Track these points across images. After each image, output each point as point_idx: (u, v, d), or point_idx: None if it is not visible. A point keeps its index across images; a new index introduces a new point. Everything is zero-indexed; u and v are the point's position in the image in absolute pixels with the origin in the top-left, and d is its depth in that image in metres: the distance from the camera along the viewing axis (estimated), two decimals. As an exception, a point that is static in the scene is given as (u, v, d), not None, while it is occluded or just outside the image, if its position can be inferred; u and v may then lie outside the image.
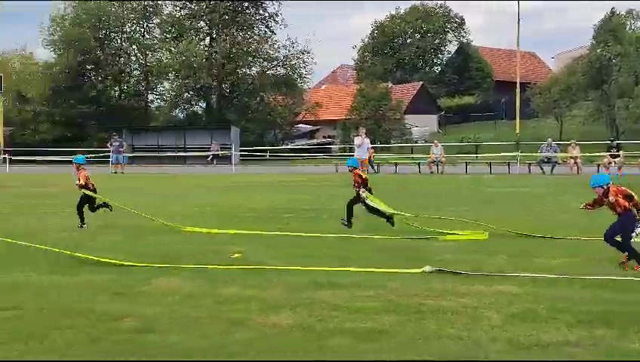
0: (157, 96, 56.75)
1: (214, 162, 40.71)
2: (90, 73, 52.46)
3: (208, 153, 41.73)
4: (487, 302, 6.26)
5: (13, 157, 39.00)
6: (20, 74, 57.77)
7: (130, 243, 10.16)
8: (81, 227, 11.83)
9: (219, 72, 48.47)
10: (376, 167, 31.39)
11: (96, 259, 8.37)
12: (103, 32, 51.22)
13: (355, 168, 11.55)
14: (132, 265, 8.10)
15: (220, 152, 41.24)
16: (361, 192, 11.07)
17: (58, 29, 50.96)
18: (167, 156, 44.13)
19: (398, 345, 5.04)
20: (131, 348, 4.98)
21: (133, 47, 53.89)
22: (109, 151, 34.66)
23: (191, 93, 51.80)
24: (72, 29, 49.55)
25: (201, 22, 51.65)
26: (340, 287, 6.87)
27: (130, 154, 41.80)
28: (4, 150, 44.73)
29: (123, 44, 53.34)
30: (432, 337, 5.22)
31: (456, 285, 6.91)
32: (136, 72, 55.04)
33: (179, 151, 45.40)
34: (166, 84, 54.21)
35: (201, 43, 51.58)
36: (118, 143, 34.18)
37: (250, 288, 6.90)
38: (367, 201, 11.08)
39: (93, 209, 12.10)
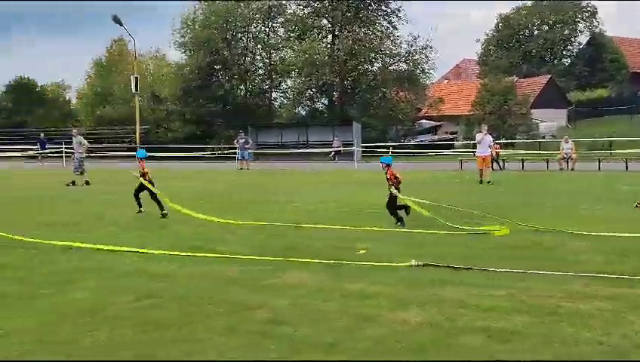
0: (280, 94, 58.15)
1: (336, 158, 41.08)
2: (217, 73, 54.49)
3: (330, 149, 42.16)
4: (628, 306, 5.90)
5: (149, 154, 41.28)
6: (154, 75, 61.14)
7: (255, 237, 10.43)
8: (140, 212, 13.37)
9: (341, 68, 48.84)
10: (501, 164, 30.53)
11: (230, 256, 8.66)
12: (230, 32, 52.99)
13: (389, 165, 11.57)
14: (262, 259, 8.31)
15: (341, 149, 41.57)
16: (392, 190, 11.29)
17: (189, 31, 53.31)
18: (289, 152, 45.05)
19: (533, 347, 4.86)
20: (265, 339, 5.12)
21: (259, 46, 55.43)
22: (235, 148, 35.85)
23: (313, 90, 52.55)
24: (202, 30, 51.66)
25: (324, 20, 52.26)
26: (468, 285, 6.72)
27: (255, 151, 43.08)
28: (139, 147, 47.47)
29: (249, 43, 54.99)
30: (568, 340, 4.99)
31: (597, 288, 6.57)
32: (260, 71, 56.61)
33: (301, 147, 46.21)
34: (289, 82, 55.40)
35: (324, 40, 52.20)
36: (243, 140, 35.28)
37: (377, 284, 6.88)
38: (397, 196, 11.31)
39: (153, 197, 13.27)
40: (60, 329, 5.47)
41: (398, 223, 11.33)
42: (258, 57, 56.41)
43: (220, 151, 41.03)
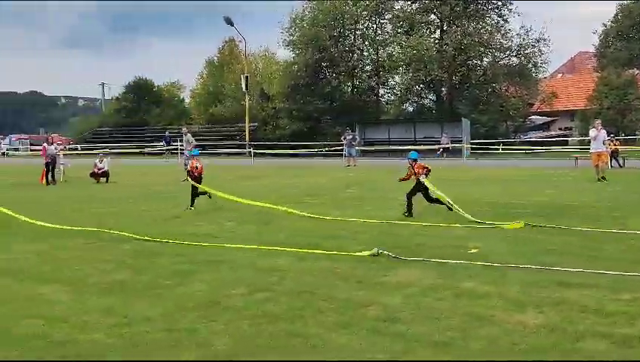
0: (387, 90, 57.85)
1: (444, 155, 40.44)
2: (325, 70, 54.94)
3: (438, 146, 41.56)
4: None
5: (257, 151, 42.26)
6: (263, 73, 62.51)
7: (365, 234, 10.43)
8: (190, 208, 13.92)
9: (449, 64, 48.00)
10: (621, 161, 28.98)
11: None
12: (338, 30, 53.28)
13: (416, 161, 12.41)
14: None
15: (450, 145, 40.89)
16: (421, 178, 12.11)
17: (297, 29, 54.08)
18: (396, 149, 44.74)
19: (662, 356, 4.59)
20: (378, 336, 5.11)
21: (366, 43, 55.41)
22: (342, 145, 36.03)
23: (421, 86, 51.96)
24: (310, 28, 52.25)
25: (432, 15, 51.53)
26: (589, 288, 6.43)
27: (362, 148, 43.14)
28: (249, 144, 48.71)
29: (356, 40, 55.10)
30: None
31: None
32: (368, 68, 56.56)
33: (408, 144, 45.79)
34: (396, 78, 55.02)
35: (432, 36, 51.48)
36: (350, 137, 35.36)
37: (489, 284, 6.72)
38: (425, 185, 12.11)
39: (197, 194, 14.21)
40: (180, 318, 5.71)
41: (406, 214, 12.11)
42: (365, 54, 56.43)
43: (327, 148, 41.33)
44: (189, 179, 14.55)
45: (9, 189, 21.20)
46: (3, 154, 61.17)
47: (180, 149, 37.38)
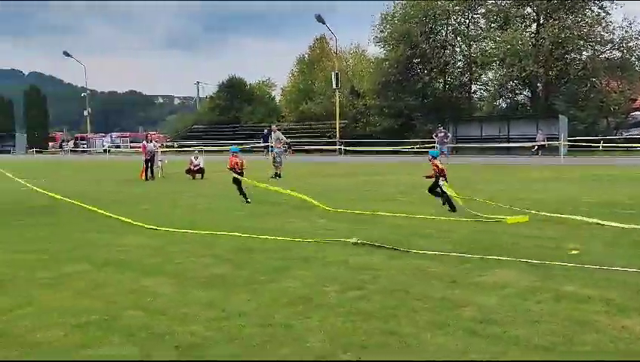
0: (480, 86, 56.64)
1: (539, 153, 39.20)
2: (416, 66, 54.41)
3: (533, 143, 40.32)
4: None
5: (347, 148, 42.36)
6: (354, 70, 62.63)
7: (458, 232, 10.26)
8: (247, 202, 15.06)
9: (546, 58, 46.40)
10: None
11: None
12: (429, 25, 52.62)
13: (435, 158, 13.34)
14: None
15: (545, 143, 39.58)
16: (440, 181, 12.95)
17: (388, 26, 53.84)
18: (489, 147, 43.74)
19: None
20: (474, 338, 5.02)
21: (458, 38, 54.48)
22: (434, 142, 35.59)
23: (515, 81, 50.52)
24: (401, 25, 51.90)
25: (528, 8, 49.97)
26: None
27: (453, 145, 42.46)
28: (339, 141, 48.92)
29: (448, 36, 54.28)
30: None
31: None
32: (460, 64, 55.61)
33: (502, 141, 44.70)
34: (490, 74, 53.73)
35: (527, 30, 49.91)
36: (442, 134, 34.91)
37: (591, 287, 6.46)
38: (443, 188, 12.92)
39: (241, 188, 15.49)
40: (275, 314, 5.80)
41: (445, 204, 13.08)
42: (457, 50, 55.48)
43: (418, 146, 40.93)
44: (234, 174, 15.73)
45: (114, 185, 22.19)
46: (105, 151, 64.10)
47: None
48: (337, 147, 48.10)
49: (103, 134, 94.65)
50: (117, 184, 22.44)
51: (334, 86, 52.49)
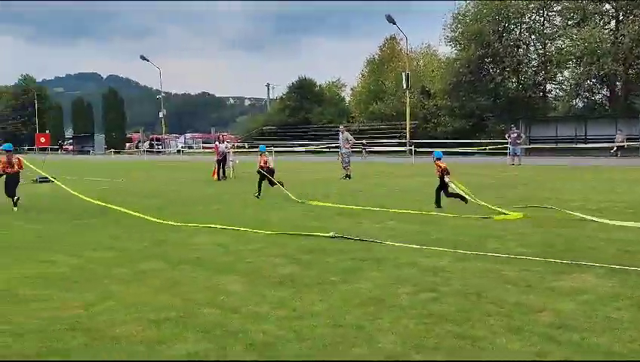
0: (555, 86, 55.12)
1: (618, 154, 37.79)
2: (488, 66, 53.45)
3: (612, 144, 38.90)
4: None
5: (417, 149, 41.98)
6: (424, 70, 62.08)
7: (532, 235, 10.01)
8: (257, 197, 16.87)
9: (625, 56, 44.74)
10: None
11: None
12: (503, 24, 51.62)
13: (439, 159, 14.25)
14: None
15: (625, 143, 38.13)
16: (446, 179, 13.79)
17: (459, 25, 53.12)
18: (565, 148, 42.46)
19: None
20: (550, 344, 4.88)
21: (532, 37, 53.20)
22: (506, 143, 34.84)
23: (593, 80, 48.92)
24: (473, 24, 51.11)
25: (606, 4, 48.32)
26: None
27: (527, 146, 41.44)
28: (409, 142, 48.55)
29: (522, 34, 53.07)
30: None
31: None
32: (534, 62, 54.27)
33: (578, 142, 43.32)
34: (566, 73, 52.24)
35: (606, 27, 48.27)
36: (515, 135, 34.11)
37: (676, 295, 6.18)
38: (450, 185, 13.79)
39: (271, 184, 17.35)
40: (346, 314, 5.80)
41: (437, 206, 13.76)
42: (532, 48, 54.16)
43: (490, 147, 40.13)
44: (263, 172, 17.46)
45: (188, 185, 22.72)
46: (178, 151, 65.67)
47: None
48: (407, 148, 47.71)
49: (177, 135, 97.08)
50: (190, 184, 22.94)
51: (404, 86, 52.13)
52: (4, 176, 15.20)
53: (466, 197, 13.62)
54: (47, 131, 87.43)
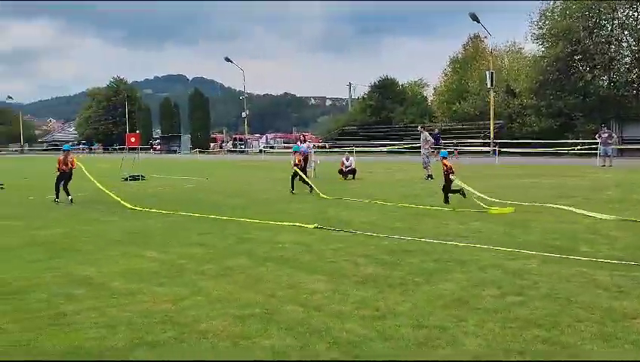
0: (651, 84, 52.54)
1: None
2: (577, 64, 51.62)
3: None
4: None
5: (502, 149, 41.06)
6: (509, 69, 60.60)
7: (625, 239, 9.61)
8: (292, 193, 18.36)
9: None
10: None
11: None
12: (593, 20, 49.73)
13: (445, 158, 15.20)
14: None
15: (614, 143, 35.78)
16: (451, 177, 14.73)
17: (547, 22, 51.56)
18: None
19: None
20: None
21: (625, 32, 50.97)
22: (596, 144, 33.57)
23: (693, 77, 46.42)
24: (561, 20, 49.51)
25: None
26: None
27: (619, 147, 39.77)
28: (493, 141, 47.52)
29: (614, 31, 50.96)
30: None
31: None
32: (627, 60, 51.97)
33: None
34: (662, 71, 49.78)
35: None
36: (606, 135, 32.81)
37: None
38: (455, 182, 14.71)
39: (302, 180, 18.85)
40: (429, 315, 5.75)
41: (446, 202, 14.73)
42: (624, 45, 51.87)
43: (579, 147, 38.74)
44: (297, 169, 18.99)
45: (270, 184, 23.06)
46: (260, 151, 66.69)
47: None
48: (491, 148, 46.71)
49: (259, 135, 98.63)
50: (272, 183, 23.27)
51: (489, 85, 51.06)
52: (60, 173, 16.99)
53: (466, 192, 14.64)
54: (137, 131, 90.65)
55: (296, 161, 19.26)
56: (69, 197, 16.64)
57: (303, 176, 19.06)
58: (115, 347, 5.14)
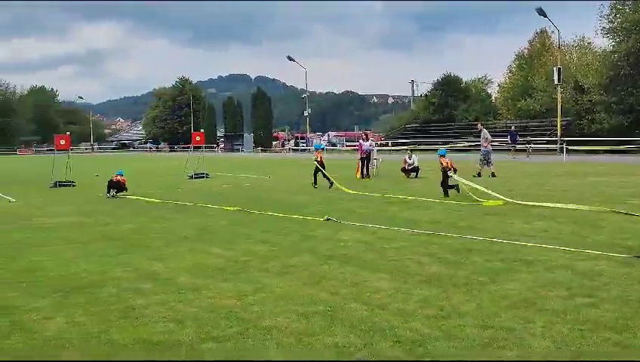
0: None
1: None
2: (650, 58, 49.71)
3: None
4: None
5: (570, 147, 39.94)
6: (578, 64, 58.86)
7: None
8: (315, 187, 20.32)
9: None
10: None
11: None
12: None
13: (444, 156, 16.79)
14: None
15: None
16: (450, 173, 16.22)
17: (618, 15, 49.86)
18: None
19: None
20: None
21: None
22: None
23: None
24: (633, 13, 47.79)
25: None
26: None
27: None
28: (560, 139, 46.32)
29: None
30: None
31: None
32: None
33: None
34: None
35: None
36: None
37: None
38: (452, 178, 16.24)
39: (325, 177, 20.52)
40: (494, 316, 5.65)
41: (446, 196, 16.00)
42: None
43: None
44: (319, 167, 20.78)
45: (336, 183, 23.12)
46: (322, 149, 66.97)
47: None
48: (558, 146, 45.54)
49: (321, 133, 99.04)
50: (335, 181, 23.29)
51: (556, 81, 49.75)
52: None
53: (463, 187, 15.94)
54: (202, 130, 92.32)
55: (318, 158, 21.23)
56: (112, 194, 18.38)
57: (324, 172, 20.69)
58: (183, 341, 5.25)
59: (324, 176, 20.60)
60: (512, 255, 8.37)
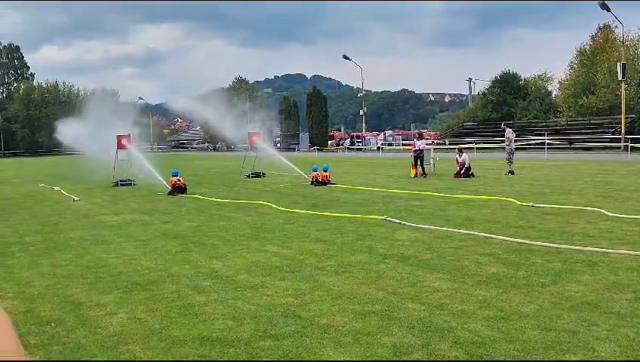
0: None
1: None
2: None
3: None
4: None
5: (634, 145, 38.73)
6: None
7: None
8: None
9: None
10: None
11: None
12: None
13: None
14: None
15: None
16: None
17: (686, 8, 48.08)
18: None
19: None
20: None
21: None
22: None
23: None
24: (702, 6, 46.04)
25: None
26: None
27: None
28: (624, 137, 44.93)
29: None
30: None
31: None
32: None
33: None
34: None
35: None
36: None
37: None
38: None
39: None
40: (557, 318, 5.53)
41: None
42: None
43: None
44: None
45: (386, 181, 23.02)
46: (378, 148, 66.66)
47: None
48: (622, 144, 44.19)
49: (377, 132, 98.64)
50: (389, 180, 23.19)
51: (620, 77, 48.28)
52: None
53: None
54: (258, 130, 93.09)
55: (319, 178, 21.59)
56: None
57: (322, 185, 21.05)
58: (241, 338, 5.30)
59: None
60: (573, 256, 8.16)
